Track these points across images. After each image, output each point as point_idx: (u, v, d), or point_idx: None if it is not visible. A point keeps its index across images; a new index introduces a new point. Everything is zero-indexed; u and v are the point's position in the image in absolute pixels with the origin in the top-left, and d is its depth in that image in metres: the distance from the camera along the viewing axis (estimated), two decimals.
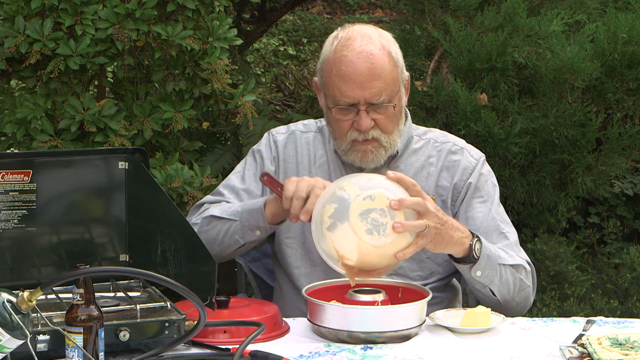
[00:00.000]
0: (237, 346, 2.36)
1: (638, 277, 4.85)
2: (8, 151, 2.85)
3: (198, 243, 2.53)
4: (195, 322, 2.35)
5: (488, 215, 2.89)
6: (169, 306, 2.47)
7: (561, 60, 4.33)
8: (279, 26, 8.21)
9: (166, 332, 2.40)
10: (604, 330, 2.62)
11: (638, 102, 4.49)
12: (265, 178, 2.80)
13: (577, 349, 2.45)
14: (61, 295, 2.54)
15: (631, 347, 2.40)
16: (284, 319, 2.65)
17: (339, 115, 2.82)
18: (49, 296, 2.55)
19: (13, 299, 2.09)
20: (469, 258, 2.72)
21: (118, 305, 2.50)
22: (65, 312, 2.28)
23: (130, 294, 2.59)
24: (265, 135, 3.06)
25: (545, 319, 2.73)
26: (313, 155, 2.99)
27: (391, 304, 2.58)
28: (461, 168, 2.93)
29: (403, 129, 2.90)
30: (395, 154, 2.91)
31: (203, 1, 3.84)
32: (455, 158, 2.94)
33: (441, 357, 2.43)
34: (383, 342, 2.51)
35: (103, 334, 2.25)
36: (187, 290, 2.17)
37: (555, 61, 4.36)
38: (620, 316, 4.50)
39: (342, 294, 2.62)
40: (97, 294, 2.36)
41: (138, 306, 2.45)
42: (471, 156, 2.95)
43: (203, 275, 2.51)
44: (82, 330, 2.22)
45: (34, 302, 2.09)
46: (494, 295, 2.79)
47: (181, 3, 3.76)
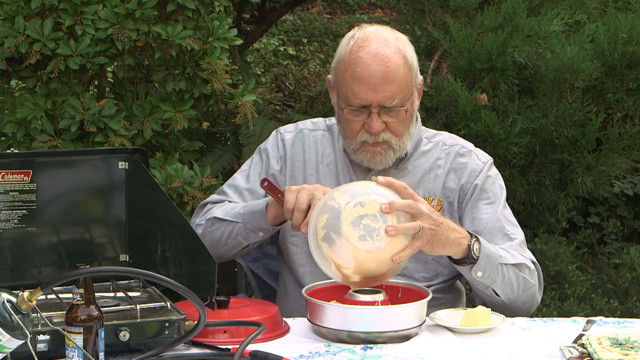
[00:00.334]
0: (237, 346, 2.36)
1: (638, 277, 4.85)
2: (8, 151, 2.85)
3: (198, 243, 2.53)
4: (195, 322, 2.35)
5: (494, 216, 2.88)
6: (169, 306, 2.47)
7: (561, 60, 4.33)
8: (279, 26, 8.21)
9: (166, 332, 2.40)
10: (604, 330, 2.61)
11: (638, 102, 4.49)
12: (265, 184, 2.79)
13: (577, 349, 2.45)
14: (61, 295, 2.54)
15: (631, 347, 2.40)
16: (284, 319, 2.65)
17: (351, 116, 2.81)
18: (49, 296, 2.55)
19: (13, 299, 2.09)
20: (468, 259, 2.71)
21: (118, 305, 2.50)
22: (65, 312, 2.28)
23: (130, 294, 2.59)
24: (273, 133, 3.05)
25: (545, 319, 2.72)
26: (321, 153, 2.98)
27: (391, 304, 2.58)
28: (468, 170, 2.92)
29: (413, 132, 2.90)
30: (403, 156, 2.91)
31: (203, 1, 3.83)
32: (463, 160, 2.94)
33: (441, 357, 2.43)
34: (383, 342, 2.50)
35: (103, 334, 2.25)
36: (187, 290, 2.17)
37: (555, 61, 4.35)
38: (620, 316, 4.50)
39: (342, 294, 2.62)
40: (97, 294, 2.35)
41: (138, 306, 2.45)
42: (479, 159, 2.95)
43: (203, 275, 2.51)
44: (82, 330, 2.22)
45: (34, 302, 2.09)
46: (498, 295, 2.78)
47: (181, 3, 3.75)
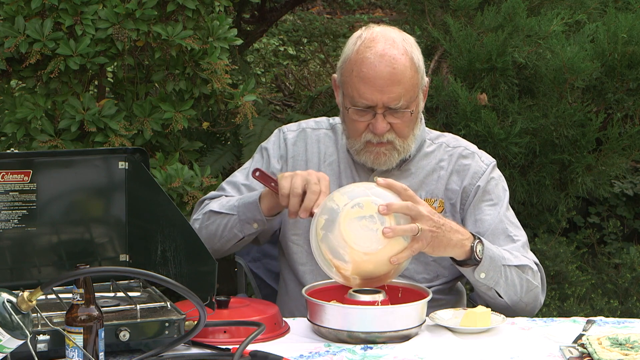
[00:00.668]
0: (237, 346, 2.36)
1: (638, 277, 4.85)
2: (8, 151, 2.85)
3: (198, 243, 2.53)
4: (195, 322, 2.35)
5: (496, 218, 2.87)
6: (169, 306, 2.47)
7: (561, 60, 4.33)
8: (279, 26, 8.20)
9: (166, 332, 2.40)
10: (604, 330, 2.61)
11: (638, 102, 4.49)
12: (257, 174, 2.78)
13: (577, 349, 2.45)
14: (61, 295, 2.54)
15: (631, 347, 2.40)
16: (284, 319, 2.65)
17: (356, 116, 2.81)
18: (49, 296, 2.55)
19: (13, 299, 2.09)
20: (471, 260, 2.71)
21: (118, 305, 2.50)
22: (65, 312, 2.28)
23: (130, 294, 2.59)
24: (275, 132, 3.05)
25: (545, 319, 2.72)
26: (323, 152, 2.97)
27: (391, 304, 2.58)
28: (471, 172, 2.92)
29: (417, 134, 2.89)
30: (407, 157, 2.90)
31: (203, 1, 3.83)
32: (465, 162, 2.93)
33: (441, 357, 2.43)
34: (383, 342, 2.50)
35: (103, 334, 2.25)
36: (187, 290, 2.17)
37: (555, 61, 4.35)
38: (620, 316, 4.50)
39: (342, 294, 2.62)
40: (97, 294, 2.35)
41: (138, 306, 2.45)
42: (482, 161, 2.94)
43: (203, 275, 2.51)
44: (82, 330, 2.22)
45: (34, 302, 2.09)
46: (501, 297, 2.78)
47: (181, 3, 3.75)
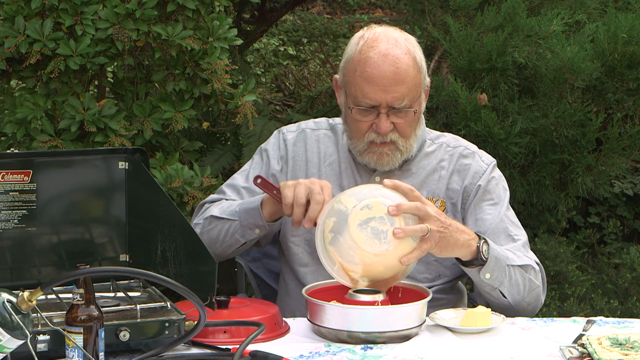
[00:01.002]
0: (237, 346, 2.36)
1: (638, 277, 4.85)
2: (8, 151, 2.85)
3: (198, 243, 2.53)
4: (195, 322, 2.35)
5: (497, 217, 2.88)
6: (169, 306, 2.47)
7: (561, 60, 4.33)
8: (279, 26, 8.21)
9: (166, 332, 2.40)
10: (604, 330, 2.61)
11: (638, 102, 4.49)
12: (259, 181, 2.78)
13: (577, 349, 2.45)
14: (61, 295, 2.54)
15: (631, 347, 2.40)
16: (284, 319, 2.65)
17: (359, 116, 2.81)
18: (49, 296, 2.55)
19: (13, 299, 2.09)
20: (477, 260, 2.71)
21: (118, 305, 2.49)
22: (65, 312, 2.28)
23: (130, 294, 2.59)
24: (274, 133, 3.05)
25: (545, 319, 2.72)
26: (323, 153, 2.97)
27: (391, 304, 2.58)
28: (472, 172, 2.92)
29: (419, 134, 2.89)
30: (409, 158, 2.90)
31: (203, 1, 3.83)
32: (466, 162, 2.94)
33: (441, 357, 2.43)
34: (383, 342, 2.50)
35: (103, 334, 2.25)
36: (187, 290, 2.17)
37: (555, 61, 4.35)
38: (620, 316, 4.50)
39: (342, 294, 2.62)
40: (97, 294, 2.35)
41: (138, 306, 2.45)
42: (482, 161, 2.95)
43: (203, 275, 2.51)
44: (82, 330, 2.22)
45: (34, 302, 2.09)
46: (504, 297, 2.78)
47: (181, 3, 3.75)
